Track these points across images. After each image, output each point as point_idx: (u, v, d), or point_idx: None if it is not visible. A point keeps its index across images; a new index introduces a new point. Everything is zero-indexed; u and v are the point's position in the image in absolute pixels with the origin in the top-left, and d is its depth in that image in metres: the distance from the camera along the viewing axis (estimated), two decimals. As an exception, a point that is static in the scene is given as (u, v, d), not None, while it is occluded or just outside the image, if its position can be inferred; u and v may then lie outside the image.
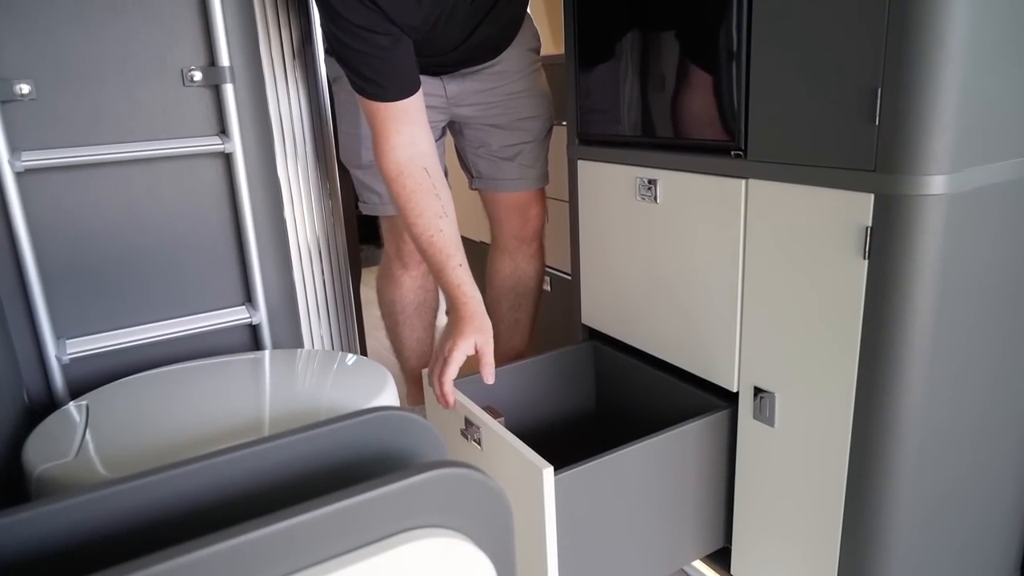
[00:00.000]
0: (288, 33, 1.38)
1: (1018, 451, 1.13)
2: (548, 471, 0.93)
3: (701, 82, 1.11)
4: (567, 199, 1.49)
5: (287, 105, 1.39)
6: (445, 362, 1.17)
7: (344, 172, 1.61)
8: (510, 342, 1.81)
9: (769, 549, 1.15)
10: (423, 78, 1.41)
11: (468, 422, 1.11)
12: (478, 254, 1.82)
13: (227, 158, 1.11)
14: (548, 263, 1.97)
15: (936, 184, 0.84)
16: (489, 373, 1.20)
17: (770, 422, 1.10)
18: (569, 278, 1.82)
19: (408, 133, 1.21)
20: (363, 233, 1.90)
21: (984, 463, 1.08)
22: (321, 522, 0.58)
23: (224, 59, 1.06)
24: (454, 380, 1.16)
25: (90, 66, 1.02)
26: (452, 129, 1.60)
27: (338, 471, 0.70)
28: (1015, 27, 0.86)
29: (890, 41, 0.83)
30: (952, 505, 1.04)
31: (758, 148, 1.02)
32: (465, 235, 1.76)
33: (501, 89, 1.50)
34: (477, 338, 1.19)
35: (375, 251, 3.56)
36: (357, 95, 1.20)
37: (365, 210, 1.53)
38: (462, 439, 1.17)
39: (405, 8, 1.13)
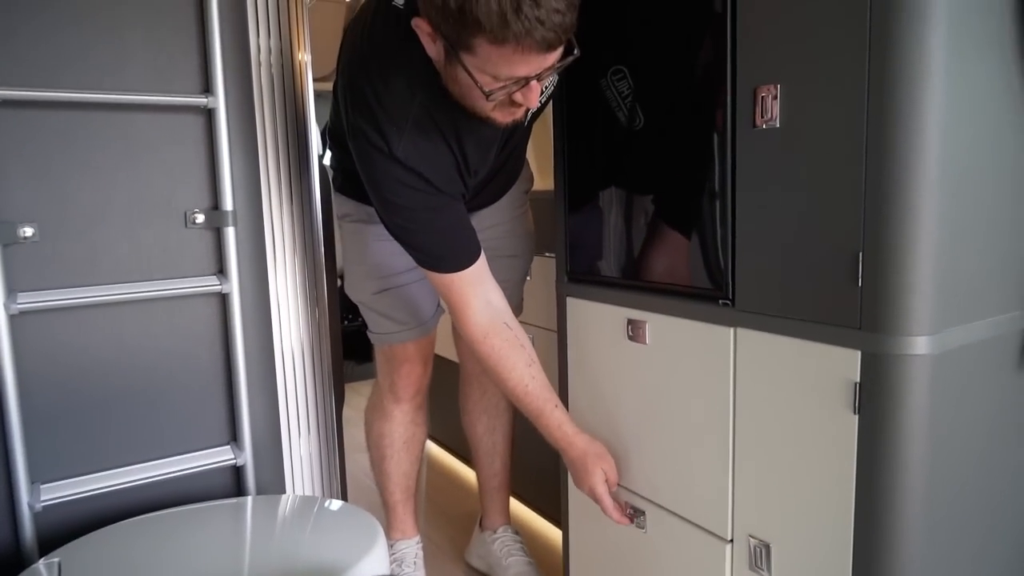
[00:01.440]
0: (287, 171, 1.43)
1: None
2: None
3: (689, 232, 1.16)
4: (555, 329, 1.51)
5: (281, 241, 1.42)
6: (599, 500, 1.27)
7: (335, 300, 1.63)
8: (491, 468, 1.80)
9: None
10: None
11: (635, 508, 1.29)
12: (453, 373, 1.82)
13: (223, 298, 1.12)
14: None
15: (919, 344, 0.87)
16: (615, 485, 1.30)
17: (767, 572, 1.07)
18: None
19: (483, 295, 1.26)
20: (345, 348, 1.90)
21: (984, 617, 1.06)
22: None
23: (228, 203, 1.09)
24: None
25: (95, 209, 1.05)
26: None
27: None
28: (987, 197, 0.93)
29: (868, 208, 0.88)
30: (956, 664, 1.01)
31: (745, 299, 1.06)
32: (441, 354, 1.77)
33: (493, 229, 1.55)
34: (602, 466, 1.27)
35: (355, 367, 3.54)
36: (427, 273, 1.25)
37: (376, 340, 1.54)
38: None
39: (452, 179, 1.18)
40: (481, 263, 1.27)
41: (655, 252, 1.26)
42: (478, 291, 1.26)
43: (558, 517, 1.59)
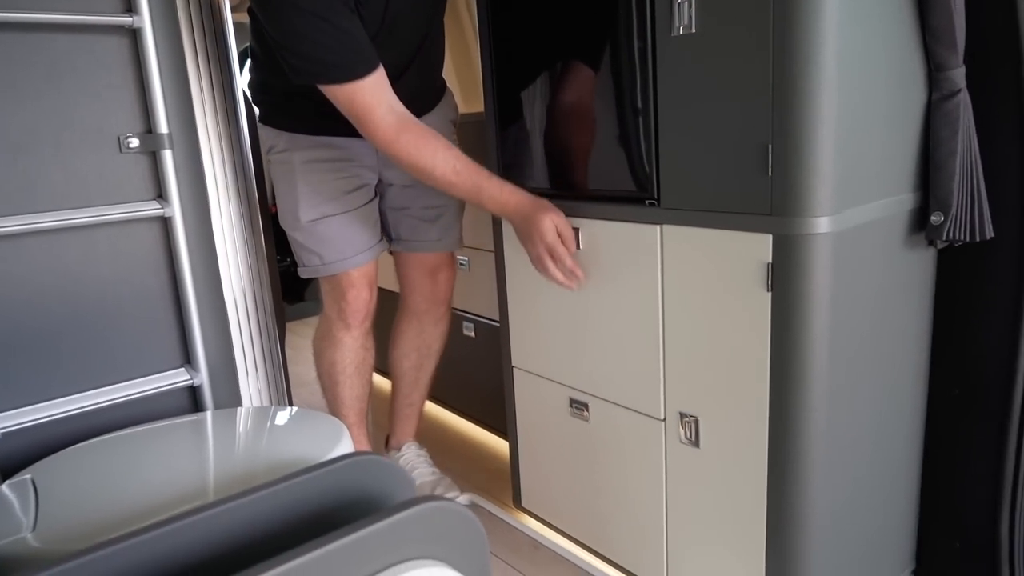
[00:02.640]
0: (222, 97, 1.41)
1: (908, 455, 1.29)
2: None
3: (615, 139, 1.23)
4: (492, 249, 1.58)
5: (221, 168, 1.41)
6: (551, 250, 1.27)
7: (270, 232, 1.63)
8: (408, 398, 1.86)
9: (701, 558, 1.25)
10: (357, 141, 1.47)
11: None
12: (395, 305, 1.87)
13: (165, 222, 1.12)
14: (473, 311, 2.05)
15: (822, 224, 0.98)
16: (572, 242, 1.29)
17: (696, 444, 1.20)
18: (492, 324, 1.90)
19: (387, 101, 1.27)
20: (284, 290, 1.91)
21: (881, 465, 1.23)
22: (316, 564, 0.61)
23: (163, 126, 1.08)
24: None
25: (23, 136, 1.02)
26: (377, 192, 1.65)
27: (320, 517, 0.73)
28: (881, 91, 1.03)
29: (776, 104, 0.97)
30: (857, 504, 1.18)
31: (669, 197, 1.15)
32: (384, 287, 1.81)
33: None
34: (551, 217, 1.27)
35: (287, 307, 3.53)
36: (328, 90, 1.23)
37: (304, 273, 1.55)
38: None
39: None
40: (380, 76, 1.27)
41: (584, 161, 1.33)
42: (380, 99, 1.26)
43: (505, 430, 1.69)
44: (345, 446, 0.94)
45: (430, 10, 1.46)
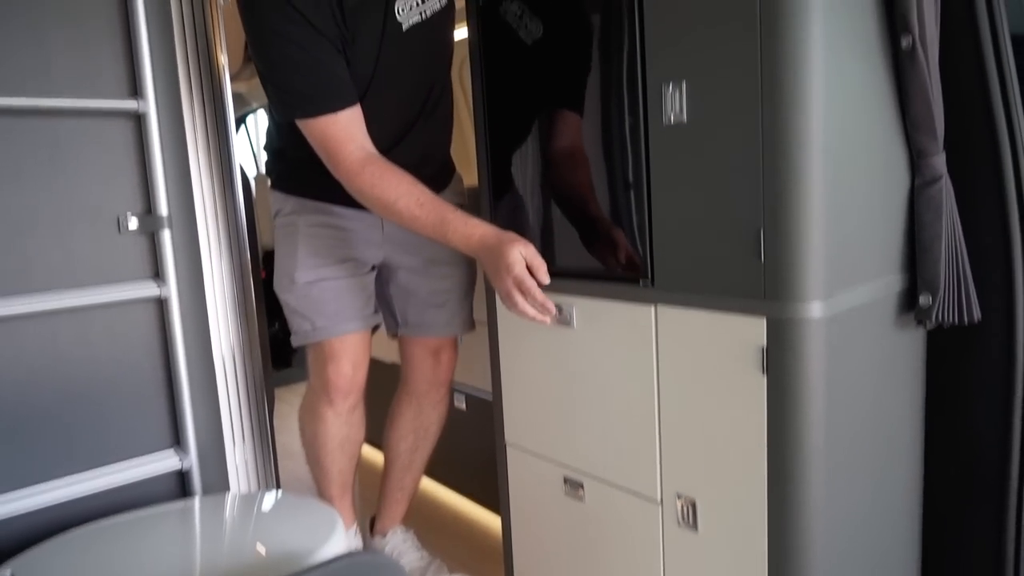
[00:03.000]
0: (220, 176, 1.43)
1: (908, 536, 1.28)
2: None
3: (609, 219, 1.25)
4: (485, 320, 1.58)
5: (216, 246, 1.42)
6: (519, 284, 1.21)
7: (262, 303, 1.63)
8: (401, 481, 1.82)
9: (703, 651, 1.21)
10: (363, 214, 1.49)
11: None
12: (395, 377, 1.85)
13: (160, 303, 1.12)
14: (465, 382, 2.03)
15: (815, 309, 1.00)
16: (544, 273, 1.23)
17: (694, 527, 1.18)
18: (484, 398, 1.88)
19: (359, 138, 1.28)
20: (272, 355, 1.90)
21: (881, 547, 1.21)
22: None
23: (163, 207, 1.09)
24: None
25: (24, 217, 1.03)
26: (380, 278, 1.65)
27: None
28: (867, 177, 1.07)
29: (766, 191, 1.00)
30: (858, 590, 1.15)
31: (664, 278, 1.17)
32: (385, 359, 1.80)
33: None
34: (519, 249, 1.21)
35: (275, 373, 3.48)
36: (304, 125, 1.25)
37: (296, 341, 1.54)
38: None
39: (327, 20, 1.22)
40: (356, 114, 1.28)
41: (577, 238, 1.35)
42: (353, 134, 1.27)
43: (496, 505, 1.66)
44: (338, 539, 0.92)
45: (431, 64, 1.49)
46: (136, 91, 1.07)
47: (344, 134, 1.25)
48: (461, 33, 1.53)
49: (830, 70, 0.98)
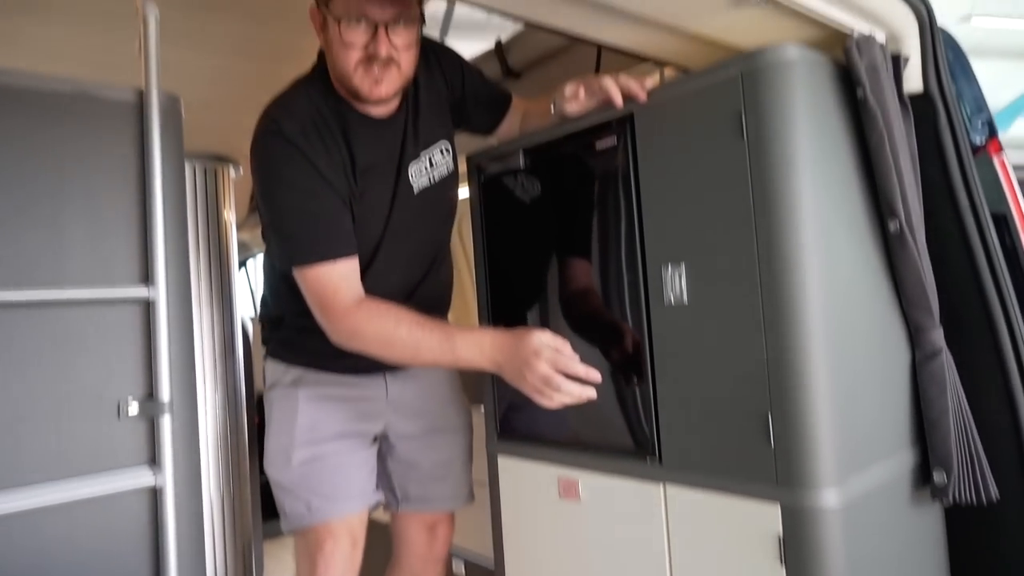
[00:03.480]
0: (223, 356, 1.44)
1: None
2: None
3: (613, 394, 1.25)
4: (487, 482, 1.53)
5: (215, 430, 1.40)
6: (555, 364, 1.09)
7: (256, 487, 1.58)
8: None
9: None
10: (369, 380, 1.47)
11: None
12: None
13: (154, 492, 1.08)
14: (464, 546, 1.94)
15: (831, 496, 0.97)
16: (568, 347, 1.13)
17: None
18: (485, 566, 1.79)
19: (354, 286, 1.26)
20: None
21: None
22: None
23: (165, 393, 1.08)
24: None
25: (23, 407, 1.02)
26: (379, 453, 1.57)
27: None
28: (869, 355, 1.07)
29: (771, 374, 1.00)
30: None
31: (671, 456, 1.14)
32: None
33: (435, 393, 1.58)
34: (537, 335, 1.13)
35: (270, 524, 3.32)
36: (300, 274, 1.24)
37: (288, 526, 1.45)
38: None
39: (336, 171, 1.26)
40: (353, 266, 1.26)
41: (582, 411, 1.33)
42: (350, 283, 1.25)
43: None
44: None
45: (437, 224, 1.50)
46: (147, 278, 1.09)
47: (340, 281, 1.25)
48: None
49: (825, 253, 1.01)
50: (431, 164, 1.40)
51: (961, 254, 1.19)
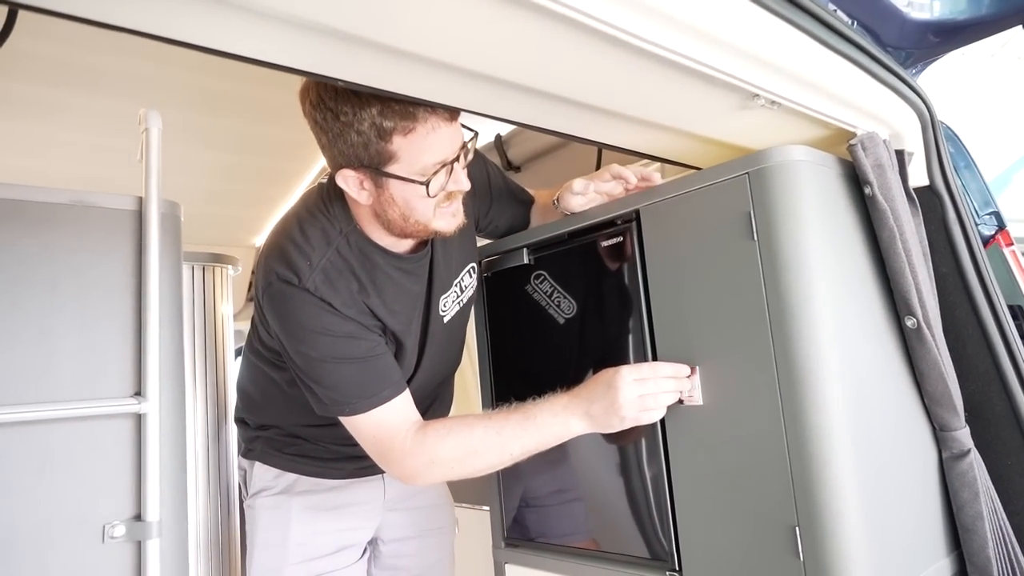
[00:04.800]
0: (216, 468, 1.38)
1: None
2: None
3: (630, 502, 1.18)
4: None
5: (205, 536, 1.32)
6: (653, 369, 1.06)
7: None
8: None
9: None
10: (366, 484, 1.39)
11: None
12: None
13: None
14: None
15: (868, 618, 0.90)
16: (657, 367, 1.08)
17: None
18: None
19: (412, 416, 1.16)
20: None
21: None
22: None
23: (153, 513, 1.02)
24: None
25: (2, 533, 0.95)
26: (368, 552, 1.49)
27: None
28: (896, 456, 1.02)
29: (796, 481, 0.95)
30: None
31: (692, 568, 1.07)
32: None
33: (428, 491, 1.52)
34: (608, 371, 1.08)
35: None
36: (352, 421, 1.13)
37: None
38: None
39: (366, 315, 1.15)
40: (408, 397, 1.16)
41: (597, 519, 1.26)
42: (410, 415, 1.15)
43: None
44: None
45: (461, 339, 1.44)
46: (139, 391, 1.05)
47: (399, 419, 1.15)
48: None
49: (844, 353, 0.98)
50: (461, 291, 1.34)
51: (980, 348, 1.15)
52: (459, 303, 1.33)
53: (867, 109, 1.04)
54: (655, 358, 1.12)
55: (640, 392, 1.06)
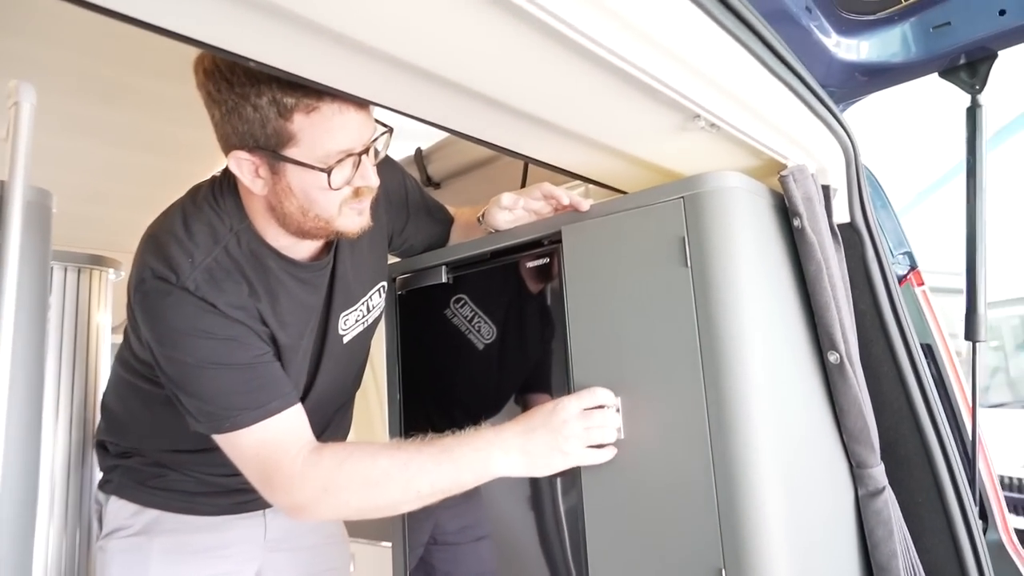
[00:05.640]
0: (75, 500, 1.20)
1: None
2: None
3: (541, 540, 1.11)
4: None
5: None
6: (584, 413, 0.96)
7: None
8: None
9: None
10: (242, 520, 1.24)
11: None
12: None
13: None
14: None
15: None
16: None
17: None
18: None
19: (304, 435, 1.00)
20: None
21: None
22: None
23: (-11, 554, 0.86)
24: None
25: None
26: None
27: None
28: (818, 495, 1.00)
29: (723, 524, 0.90)
30: None
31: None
32: None
33: (319, 528, 1.38)
34: (548, 404, 0.98)
35: None
36: (231, 438, 0.98)
37: None
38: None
39: (256, 323, 1.02)
40: (300, 412, 1.03)
41: (508, 559, 1.19)
42: (302, 433, 1.00)
43: None
44: None
45: (362, 360, 1.32)
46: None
47: (288, 436, 0.99)
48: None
49: (774, 388, 0.95)
50: (368, 310, 1.22)
51: (895, 386, 1.16)
52: (364, 323, 1.22)
53: (799, 140, 1.03)
54: (571, 389, 1.06)
55: (586, 424, 0.97)
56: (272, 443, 0.98)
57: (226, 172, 1.06)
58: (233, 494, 1.13)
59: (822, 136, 1.06)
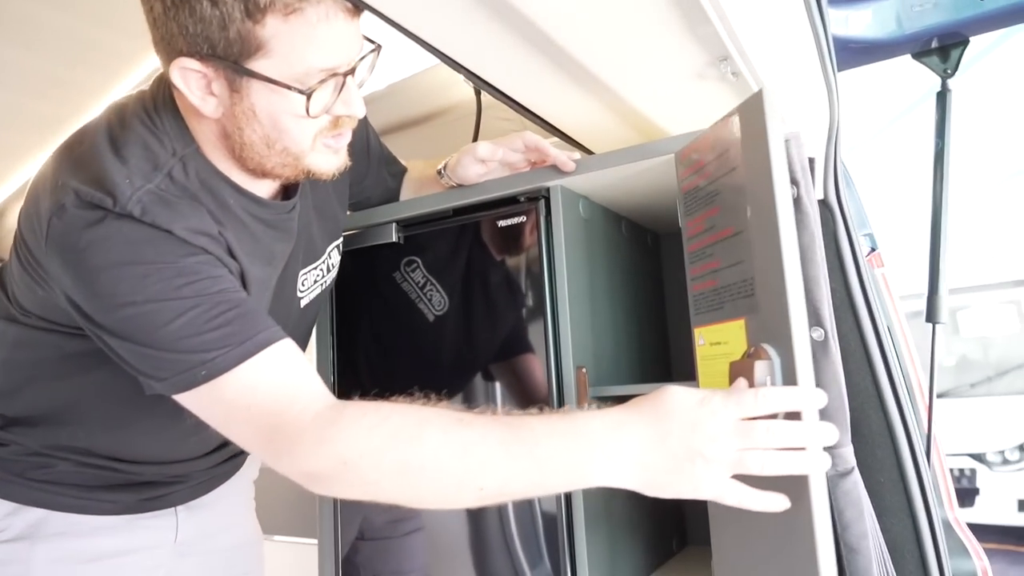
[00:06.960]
0: None
1: None
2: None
3: (474, 531, 1.00)
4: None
5: None
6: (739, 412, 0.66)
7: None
8: None
9: None
10: (149, 520, 1.03)
11: None
12: None
13: None
14: None
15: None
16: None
17: None
18: None
19: (313, 380, 0.77)
20: None
21: None
22: None
23: None
24: None
25: None
26: None
27: None
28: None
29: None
30: None
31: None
32: None
33: (236, 525, 1.18)
34: (710, 397, 0.68)
35: None
36: (202, 395, 0.74)
37: None
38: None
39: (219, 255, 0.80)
40: (300, 352, 0.80)
41: (439, 553, 1.07)
42: (306, 375, 0.78)
43: None
44: None
45: (311, 326, 1.14)
46: None
47: (292, 377, 0.76)
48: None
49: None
50: (328, 269, 1.04)
51: (862, 365, 1.15)
52: (322, 284, 1.05)
53: (802, 98, 0.98)
54: (559, 366, 0.96)
55: (746, 444, 0.67)
56: (268, 389, 0.75)
57: (161, 84, 0.84)
58: (142, 488, 0.92)
59: (818, 101, 1.02)
